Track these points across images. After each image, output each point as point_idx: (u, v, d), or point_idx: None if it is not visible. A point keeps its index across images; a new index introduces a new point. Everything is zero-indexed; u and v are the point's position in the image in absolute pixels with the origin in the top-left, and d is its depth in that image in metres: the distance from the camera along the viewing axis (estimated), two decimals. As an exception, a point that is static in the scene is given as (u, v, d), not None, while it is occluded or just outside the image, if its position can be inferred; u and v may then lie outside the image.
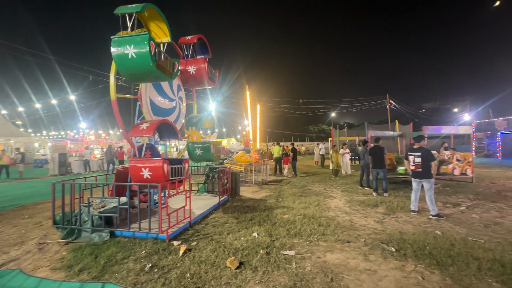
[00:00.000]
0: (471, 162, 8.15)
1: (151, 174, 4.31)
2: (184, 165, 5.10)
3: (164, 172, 4.33)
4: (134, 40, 4.02)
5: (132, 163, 4.44)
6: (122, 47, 4.02)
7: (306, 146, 38.67)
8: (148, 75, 4.42)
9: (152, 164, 4.33)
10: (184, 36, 7.05)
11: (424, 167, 4.98)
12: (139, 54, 4.01)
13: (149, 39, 4.01)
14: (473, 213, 5.15)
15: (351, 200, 6.45)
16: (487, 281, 2.63)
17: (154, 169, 4.30)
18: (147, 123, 4.57)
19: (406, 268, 2.96)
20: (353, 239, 3.87)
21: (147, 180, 4.34)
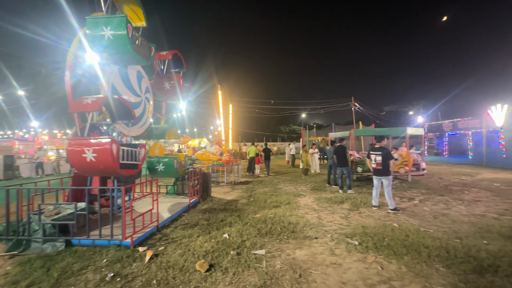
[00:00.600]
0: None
1: (96, 157, 3.70)
2: (140, 149, 4.60)
3: (113, 153, 3.74)
4: (111, 21, 4.00)
5: (72, 143, 3.80)
6: (98, 28, 3.98)
7: (277, 146, 39.43)
8: (125, 58, 4.47)
9: (97, 143, 3.71)
10: (159, 52, 6.91)
11: (384, 165, 5.38)
12: (117, 36, 3.99)
13: (126, 22, 4.00)
14: (424, 206, 5.70)
15: (319, 198, 6.73)
16: (435, 267, 2.93)
17: (100, 151, 3.71)
18: (93, 98, 4.01)
19: (368, 259, 3.17)
20: (320, 235, 4.04)
21: (92, 165, 3.74)
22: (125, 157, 4.22)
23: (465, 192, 7.08)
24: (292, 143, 16.48)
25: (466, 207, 5.53)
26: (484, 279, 2.63)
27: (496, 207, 5.46)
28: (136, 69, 6.61)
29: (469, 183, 8.54)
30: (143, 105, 6.60)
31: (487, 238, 3.68)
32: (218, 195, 7.48)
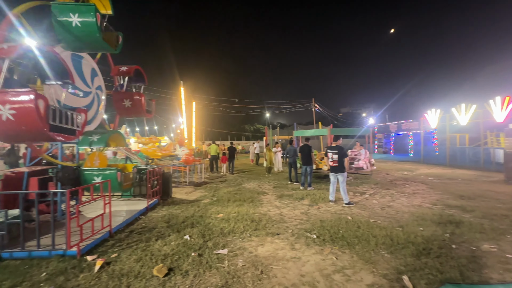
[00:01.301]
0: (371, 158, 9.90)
1: (16, 114, 2.98)
2: (80, 113, 3.98)
3: (39, 110, 3.03)
4: (79, 9, 4.03)
5: None
6: (65, 14, 4.00)
7: (242, 145, 39.56)
8: (94, 45, 4.53)
9: (17, 97, 2.99)
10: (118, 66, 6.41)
11: (340, 162, 5.79)
12: (85, 24, 4.03)
13: (95, 10, 4.07)
14: (374, 199, 6.29)
15: (281, 195, 6.94)
16: (381, 253, 3.26)
17: (20, 107, 2.99)
18: (10, 44, 3.46)
19: (324, 251, 3.38)
20: (282, 231, 4.17)
21: (10, 126, 3.02)
22: (57, 118, 3.45)
23: (406, 185, 8.02)
24: (257, 142, 16.68)
25: (407, 199, 6.26)
26: (420, 261, 3.01)
27: (430, 198, 6.29)
28: (91, 66, 5.99)
29: (409, 177, 9.69)
30: (93, 97, 5.99)
31: (423, 225, 4.22)
32: (180, 196, 7.20)
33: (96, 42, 4.33)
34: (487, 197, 6.13)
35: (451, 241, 3.57)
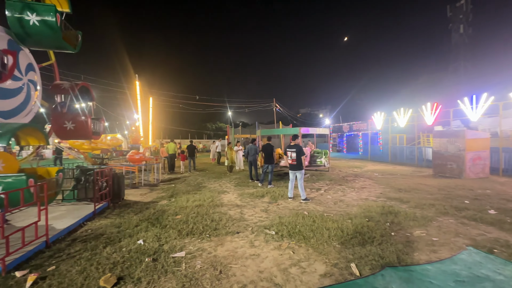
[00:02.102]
0: (328, 156, 10.62)
1: None
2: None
3: None
4: (38, 8, 4.09)
5: None
6: (21, 12, 4.05)
7: (203, 143, 38.61)
8: (52, 45, 4.69)
9: None
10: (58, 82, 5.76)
11: (298, 160, 6.06)
12: (45, 23, 4.12)
13: (55, 11, 4.15)
14: (328, 194, 6.75)
15: (242, 194, 6.97)
16: (333, 245, 3.51)
17: None
18: None
19: (282, 246, 3.50)
20: (242, 230, 4.18)
21: None
22: None
23: (356, 181, 8.79)
24: (218, 141, 16.45)
25: (356, 193, 6.87)
26: (365, 249, 3.32)
27: (375, 191, 7.01)
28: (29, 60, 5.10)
29: (359, 173, 10.65)
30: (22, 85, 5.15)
31: (368, 217, 4.67)
32: (134, 198, 6.69)
33: (55, 42, 4.43)
34: (419, 190, 7.08)
35: (391, 229, 4.03)
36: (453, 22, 47.07)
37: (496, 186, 7.46)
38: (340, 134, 26.37)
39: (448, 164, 9.46)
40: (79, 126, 5.78)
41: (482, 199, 5.84)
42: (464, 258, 3.09)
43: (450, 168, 9.37)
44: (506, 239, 3.58)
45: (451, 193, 6.58)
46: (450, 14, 47.46)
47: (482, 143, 9.21)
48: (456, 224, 4.23)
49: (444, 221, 4.38)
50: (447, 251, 3.29)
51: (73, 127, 5.71)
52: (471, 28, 45.89)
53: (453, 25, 47.17)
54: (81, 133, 5.90)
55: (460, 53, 45.64)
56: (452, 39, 47.11)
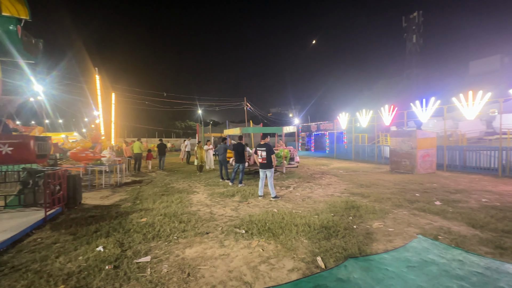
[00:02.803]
0: (296, 154, 10.97)
1: None
2: None
3: None
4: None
5: None
6: None
7: (172, 142, 37.16)
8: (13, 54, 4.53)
9: None
10: None
11: (268, 159, 6.15)
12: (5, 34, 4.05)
13: (16, 22, 4.16)
14: (296, 192, 6.97)
15: (212, 193, 6.86)
16: (300, 240, 3.63)
17: None
18: None
19: (252, 244, 3.52)
20: (211, 230, 4.12)
21: None
22: None
23: (323, 178, 9.22)
24: (187, 139, 15.96)
25: (323, 189, 7.21)
26: (330, 243, 3.50)
27: (339, 188, 7.43)
28: None
29: (325, 171, 11.19)
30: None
31: (333, 212, 4.93)
32: (93, 201, 6.18)
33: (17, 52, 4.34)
34: (378, 185, 7.68)
35: (353, 223, 4.31)
36: (407, 32, 51.81)
37: (441, 180, 8.41)
38: (308, 133, 27.42)
39: (402, 161, 10.40)
40: (18, 150, 5.25)
41: (430, 192, 6.54)
42: (415, 245, 3.43)
43: (404, 164, 10.32)
44: (448, 227, 4.05)
45: (405, 187, 7.25)
46: (405, 24, 52.15)
47: (430, 142, 10.31)
48: (409, 215, 4.68)
49: (399, 213, 4.82)
50: (401, 240, 3.62)
51: (10, 151, 5.15)
52: (422, 38, 50.96)
53: (407, 34, 51.91)
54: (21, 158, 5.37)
55: (413, 61, 50.43)
56: (406, 47, 51.83)
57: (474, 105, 10.64)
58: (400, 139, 10.59)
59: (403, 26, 53.00)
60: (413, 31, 51.30)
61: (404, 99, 24.11)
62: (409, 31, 51.88)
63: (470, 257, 3.06)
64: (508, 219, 4.32)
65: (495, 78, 27.61)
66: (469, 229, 3.96)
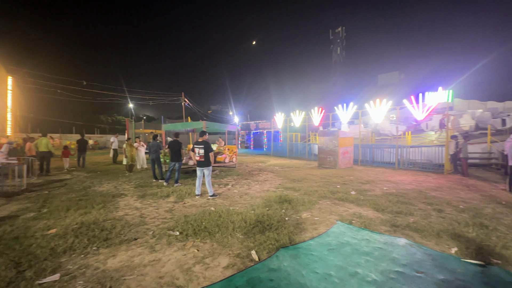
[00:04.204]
0: (236, 152, 11.16)
1: None
2: None
3: None
4: None
5: None
6: None
7: (95, 139, 32.24)
8: None
9: None
10: None
11: (206, 157, 6.01)
12: None
13: None
14: (234, 189, 7.05)
15: (144, 195, 6.28)
16: (237, 236, 3.69)
17: None
18: None
19: (186, 246, 3.39)
20: (141, 235, 3.77)
21: None
22: None
23: (260, 175, 9.61)
24: (114, 136, 14.12)
25: (260, 185, 7.51)
26: (264, 236, 3.68)
27: (275, 183, 7.89)
28: None
29: (263, 168, 11.70)
30: None
31: (268, 206, 5.20)
32: (-25, 214, 4.80)
33: None
34: (308, 179, 8.50)
35: (285, 215, 4.64)
36: (333, 44, 58.91)
37: (356, 173, 9.92)
38: (248, 132, 28.10)
39: (327, 157, 11.80)
40: None
41: (348, 184, 7.63)
42: (334, 230, 3.95)
43: (329, 160, 11.73)
44: (360, 212, 4.81)
45: (329, 180, 8.24)
46: (332, 37, 59.12)
47: (349, 141, 12.01)
48: (331, 205, 5.34)
49: (323, 203, 5.44)
50: (324, 227, 4.10)
51: None
52: (344, 51, 58.75)
53: (333, 46, 58.97)
54: None
55: (337, 70, 57.69)
56: (332, 57, 58.88)
57: (380, 111, 12.94)
58: (327, 138, 11.98)
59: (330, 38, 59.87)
60: (337, 43, 58.57)
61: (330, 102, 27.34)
62: (335, 43, 59.02)
63: (374, 236, 3.71)
64: (400, 202, 5.43)
65: (394, 89, 34.19)
66: (374, 212, 4.80)
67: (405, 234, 3.75)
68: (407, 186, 7.30)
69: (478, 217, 4.47)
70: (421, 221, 4.27)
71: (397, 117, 13.13)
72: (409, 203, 5.38)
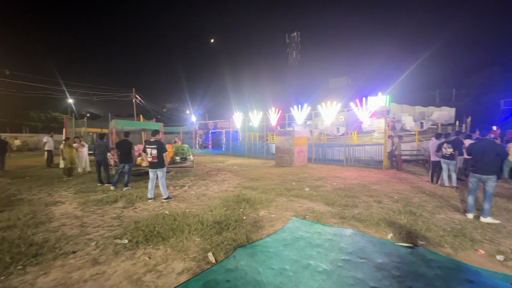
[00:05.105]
0: (193, 152, 10.79)
1: None
2: None
3: None
4: None
5: None
6: None
7: (24, 139, 27.53)
8: None
9: None
10: None
11: (159, 158, 5.65)
12: None
13: None
14: (192, 190, 6.81)
15: (86, 202, 5.61)
16: (193, 239, 3.57)
17: None
18: None
19: (136, 254, 3.13)
20: (81, 247, 3.35)
21: None
22: None
23: (218, 175, 9.47)
24: (48, 135, 12.26)
25: (218, 186, 7.40)
26: (222, 236, 3.63)
27: (233, 183, 7.86)
28: None
29: (221, 168, 11.56)
30: None
31: (226, 206, 5.16)
32: None
33: None
34: (266, 178, 8.71)
35: (244, 214, 4.66)
36: (289, 48, 61.56)
37: (310, 170, 10.54)
38: (206, 131, 27.46)
39: (284, 156, 12.27)
40: None
41: (302, 181, 8.06)
42: (290, 226, 4.12)
43: (286, 159, 12.21)
44: (313, 207, 5.12)
45: (285, 178, 8.58)
46: (288, 41, 61.69)
47: (303, 140, 12.69)
48: (287, 202, 5.56)
49: (280, 201, 5.63)
50: (280, 223, 4.24)
51: None
52: (300, 55, 61.90)
53: (289, 49, 61.61)
54: None
55: (293, 72, 60.48)
56: (288, 60, 61.49)
57: (331, 112, 14.00)
58: (283, 137, 12.44)
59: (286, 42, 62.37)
60: (293, 47, 61.36)
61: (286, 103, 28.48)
62: (291, 47, 61.73)
63: (325, 228, 3.98)
64: (348, 196, 5.95)
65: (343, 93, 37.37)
66: (325, 207, 5.16)
67: (351, 225, 4.13)
68: (353, 181, 8.05)
69: (408, 205, 5.18)
70: (364, 212, 4.75)
71: (345, 118, 14.37)
72: (354, 196, 5.93)
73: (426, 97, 32.02)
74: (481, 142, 4.51)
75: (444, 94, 33.10)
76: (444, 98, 32.38)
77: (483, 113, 24.48)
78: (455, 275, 2.72)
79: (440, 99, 32.47)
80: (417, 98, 30.80)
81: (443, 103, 27.42)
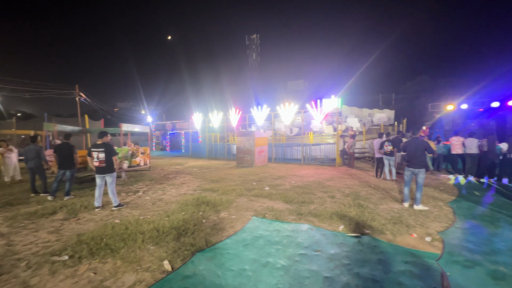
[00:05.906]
0: (149, 154, 10.14)
1: None
2: None
3: None
4: None
5: None
6: None
7: None
8: None
9: None
10: None
11: (108, 162, 5.15)
12: None
13: None
14: (147, 195, 6.37)
15: (15, 216, 4.80)
16: (147, 248, 3.33)
17: None
18: None
19: (79, 271, 2.79)
20: (7, 269, 2.85)
21: None
22: None
23: (177, 178, 9.05)
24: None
25: (176, 189, 7.07)
26: (179, 242, 3.47)
27: (192, 185, 7.60)
28: None
29: (180, 170, 11.08)
30: None
31: (185, 210, 4.95)
32: None
33: None
34: (227, 179, 8.63)
35: (203, 217, 4.54)
36: (249, 49, 62.25)
37: (270, 170, 10.80)
38: (163, 132, 26.02)
39: (245, 156, 12.34)
40: None
41: (262, 180, 8.21)
42: (250, 226, 4.15)
43: (247, 159, 12.30)
44: (272, 206, 5.25)
45: (246, 178, 8.63)
46: (248, 42, 62.32)
47: (264, 140, 12.95)
48: (247, 202, 5.60)
49: (240, 201, 5.64)
50: (241, 224, 4.24)
51: None
52: (259, 57, 63.05)
53: (249, 51, 62.30)
54: None
55: (253, 74, 61.32)
56: (248, 62, 62.14)
57: (289, 113, 14.58)
58: (244, 138, 12.50)
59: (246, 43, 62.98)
60: (253, 49, 62.24)
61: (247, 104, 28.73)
62: (250, 49, 62.50)
63: (284, 225, 4.12)
64: (305, 193, 6.26)
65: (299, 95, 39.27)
66: (284, 204, 5.34)
67: (308, 220, 4.35)
68: (310, 178, 8.51)
69: (357, 199, 5.69)
70: (319, 207, 5.05)
71: (302, 119, 15.11)
72: (311, 193, 6.27)
73: (371, 100, 35.66)
74: (413, 141, 5.19)
75: (386, 98, 37.34)
76: (386, 101, 36.54)
77: (415, 115, 28.29)
78: (394, 258, 3.07)
79: (383, 102, 36.52)
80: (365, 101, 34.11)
81: (385, 106, 30.99)
